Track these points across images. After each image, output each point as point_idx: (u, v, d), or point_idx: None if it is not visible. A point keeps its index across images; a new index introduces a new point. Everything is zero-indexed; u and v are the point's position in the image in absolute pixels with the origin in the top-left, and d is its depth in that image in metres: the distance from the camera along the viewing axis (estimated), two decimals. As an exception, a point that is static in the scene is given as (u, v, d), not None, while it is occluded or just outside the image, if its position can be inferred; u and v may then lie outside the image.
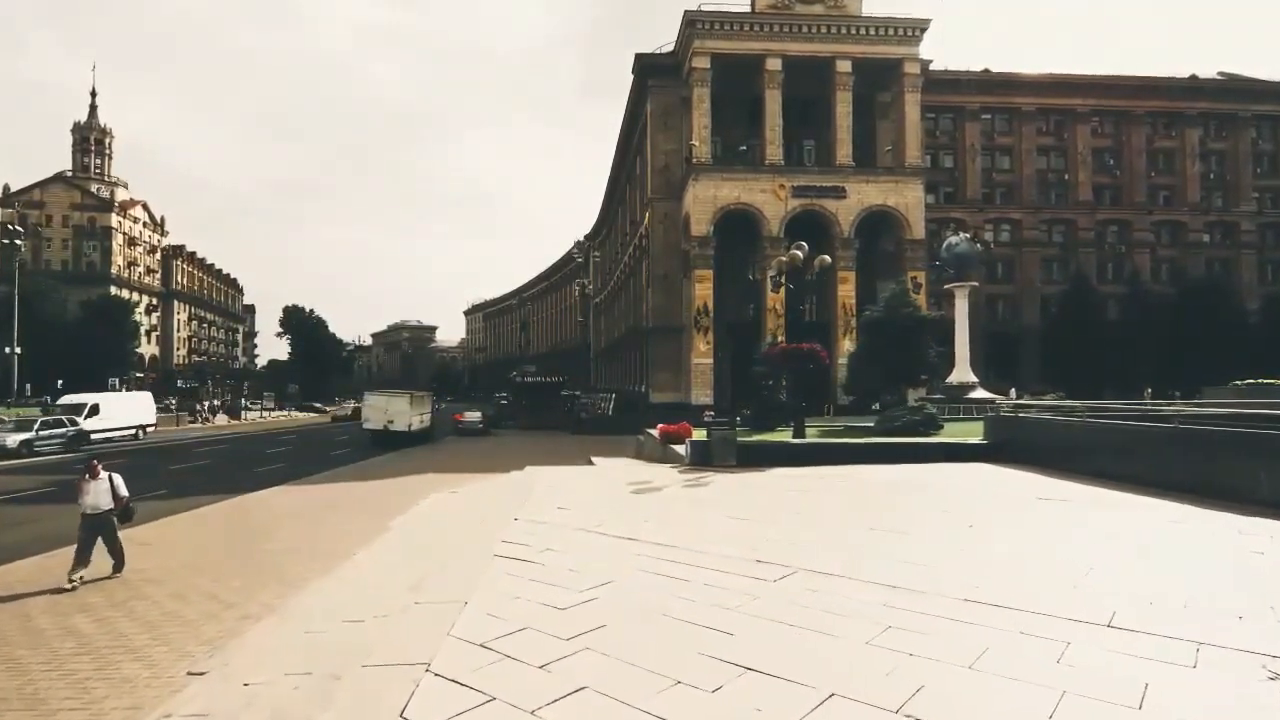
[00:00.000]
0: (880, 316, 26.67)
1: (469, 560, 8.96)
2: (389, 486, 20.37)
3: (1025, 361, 55.60)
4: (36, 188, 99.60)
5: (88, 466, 9.96)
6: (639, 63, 53.67)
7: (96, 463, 10.03)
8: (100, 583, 9.61)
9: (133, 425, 41.20)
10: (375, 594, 8.13)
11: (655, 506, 12.86)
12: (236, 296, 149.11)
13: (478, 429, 46.40)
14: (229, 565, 10.68)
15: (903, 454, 17.89)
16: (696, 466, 18.12)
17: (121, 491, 9.91)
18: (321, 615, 7.59)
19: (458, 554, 9.50)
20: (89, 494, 9.63)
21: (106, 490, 9.75)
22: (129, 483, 10.37)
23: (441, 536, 11.23)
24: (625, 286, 67.89)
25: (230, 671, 6.21)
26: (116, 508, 9.88)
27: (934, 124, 60.67)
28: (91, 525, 9.57)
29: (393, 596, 7.77)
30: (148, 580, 9.80)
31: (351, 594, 8.38)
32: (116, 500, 9.85)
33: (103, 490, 9.72)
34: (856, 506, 12.59)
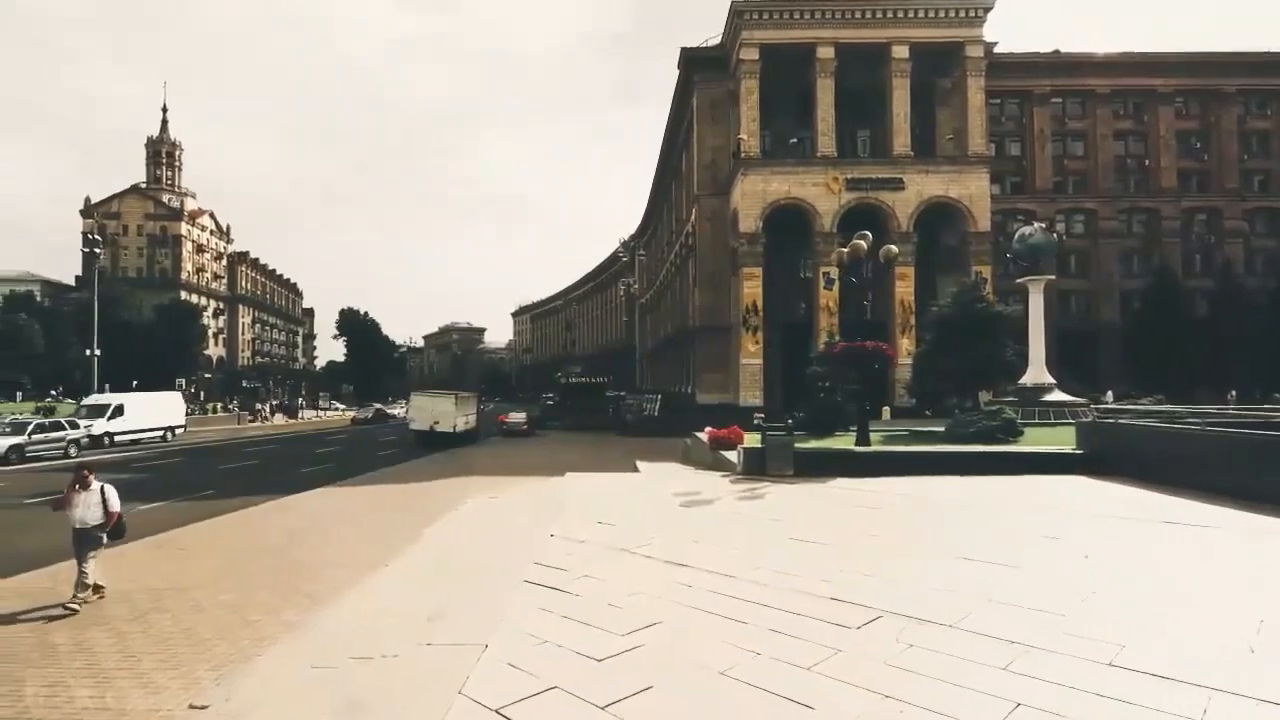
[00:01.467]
0: (949, 312, 24.68)
1: (496, 584, 7.89)
2: (429, 490, 19.63)
3: (1103, 361, 52.15)
4: (114, 199, 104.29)
5: (77, 476, 8.79)
6: (684, 57, 52.53)
7: (88, 472, 8.85)
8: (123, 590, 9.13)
9: (160, 427, 39.38)
10: (391, 622, 7.20)
11: (706, 523, 11.51)
12: (296, 300, 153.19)
13: (522, 430, 45.74)
14: (257, 574, 10.12)
15: (982, 464, 16.12)
16: (749, 476, 16.65)
17: (113, 506, 8.80)
18: (332, 646, 6.73)
19: (485, 575, 8.46)
20: (78, 506, 8.60)
21: (97, 503, 8.67)
22: (183, 481, 9.62)
23: (472, 551, 10.22)
24: (671, 286, 66.73)
25: (230, 710, 5.58)
26: (106, 524, 8.78)
27: (999, 110, 57.48)
28: (80, 542, 8.62)
29: (408, 628, 6.85)
30: (174, 589, 9.31)
31: (368, 619, 7.50)
32: (107, 515, 8.75)
33: (93, 503, 8.65)
34: (941, 528, 11.01)
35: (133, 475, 24.08)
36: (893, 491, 13.82)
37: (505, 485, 19.00)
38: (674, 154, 64.56)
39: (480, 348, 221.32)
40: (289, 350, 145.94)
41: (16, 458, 26.99)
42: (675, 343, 63.00)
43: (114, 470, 25.03)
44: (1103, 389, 38.15)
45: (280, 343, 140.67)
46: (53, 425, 30.38)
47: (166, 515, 15.74)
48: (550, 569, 8.25)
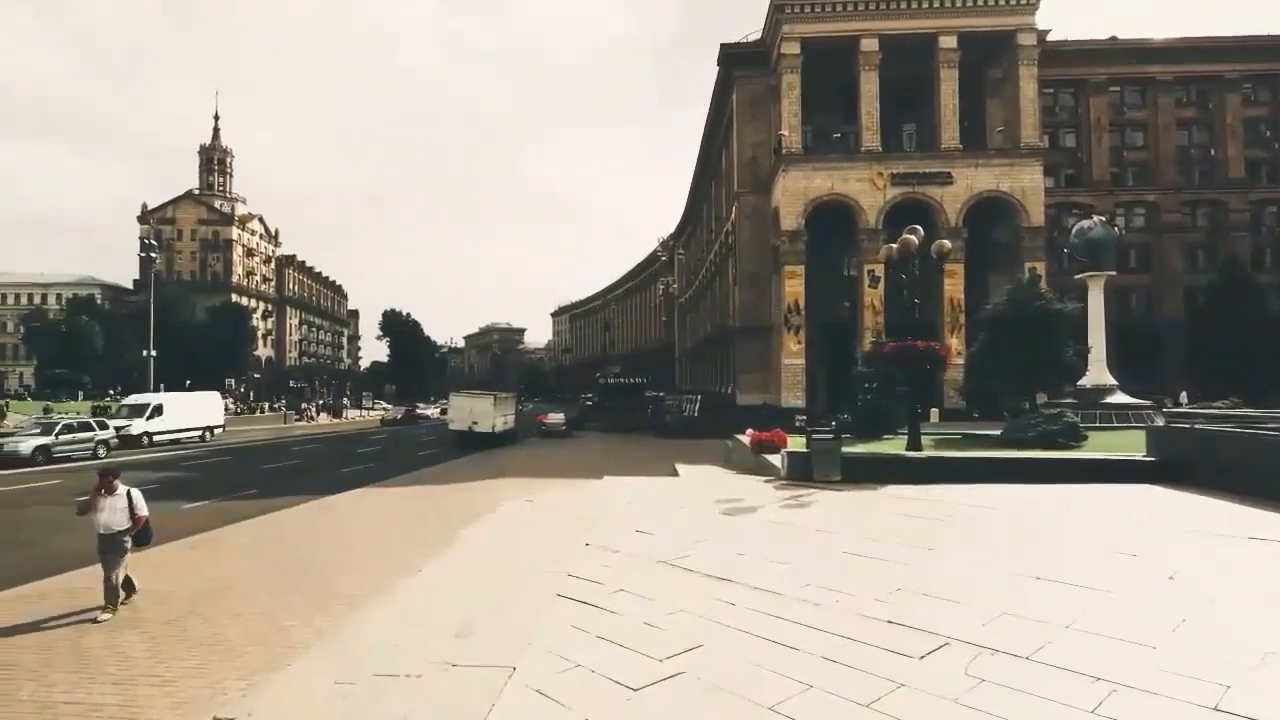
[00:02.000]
0: (1004, 310, 23.51)
1: (527, 598, 7.50)
2: (466, 492, 19.46)
3: (1166, 361, 49.67)
4: (169, 205, 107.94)
5: (103, 480, 8.51)
6: (724, 53, 51.92)
7: (114, 476, 8.58)
8: (161, 593, 9.12)
9: (199, 426, 39.20)
10: (418, 635, 6.90)
11: (749, 533, 10.91)
12: (341, 302, 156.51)
13: (560, 431, 45.61)
14: (293, 576, 10.02)
15: (1043, 471, 15.17)
16: (794, 481, 15.98)
17: (140, 510, 8.54)
18: (358, 660, 6.45)
19: (517, 586, 8.07)
20: (103, 511, 8.34)
21: (123, 508, 8.40)
22: (227, 480, 9.53)
23: (505, 559, 9.87)
24: (711, 285, 66.04)
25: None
26: (133, 528, 8.50)
27: (1053, 100, 55.21)
28: (106, 548, 8.32)
29: (434, 644, 6.54)
30: (211, 591, 9.27)
31: (396, 631, 7.21)
32: (134, 520, 8.48)
33: (119, 508, 8.38)
34: (1007, 542, 10.16)
35: (179, 474, 24.57)
36: (950, 500, 13.03)
37: (542, 488, 18.71)
38: (713, 152, 63.89)
39: (520, 348, 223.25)
40: (334, 351, 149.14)
41: (43, 458, 26.59)
42: (715, 342, 62.30)
43: (162, 469, 25.67)
44: (1166, 390, 36.16)
45: (326, 343, 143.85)
46: (81, 425, 29.91)
47: (209, 514, 15.87)
48: (584, 582, 7.82)
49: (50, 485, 20.96)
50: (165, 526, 13.88)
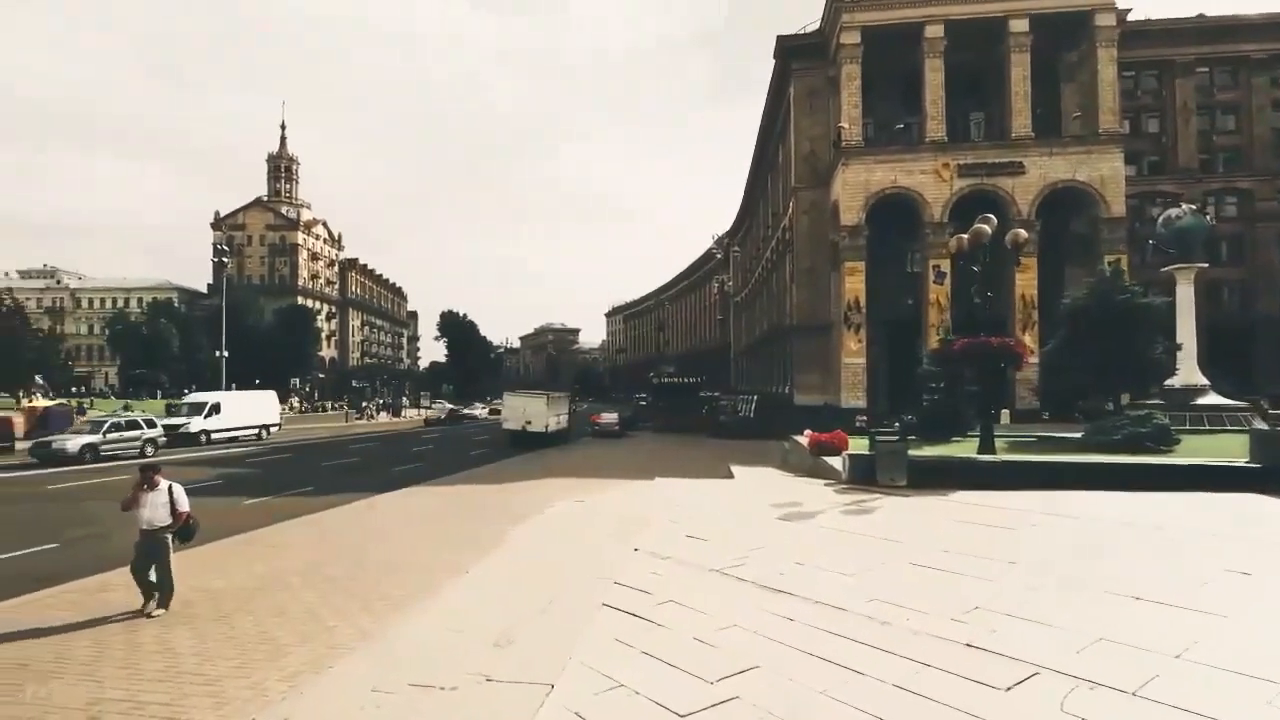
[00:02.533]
0: (1086, 304, 21.96)
1: (571, 606, 7.11)
2: (517, 492, 19.28)
3: (1261, 360, 46.23)
4: (239, 212, 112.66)
5: (145, 476, 8.37)
6: (780, 45, 50.73)
7: (155, 471, 8.45)
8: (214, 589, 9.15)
9: (256, 425, 39.43)
10: (459, 643, 6.63)
11: (809, 541, 10.24)
12: (401, 303, 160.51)
13: (614, 431, 45.34)
14: (342, 574, 9.93)
15: (1132, 477, 13.98)
16: (856, 486, 15.14)
17: (182, 506, 8.37)
18: (397, 665, 6.26)
19: (562, 593, 7.70)
20: (145, 507, 8.22)
21: (165, 503, 8.27)
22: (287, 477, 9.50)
23: (552, 563, 9.53)
24: (767, 283, 64.88)
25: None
26: (174, 525, 8.35)
27: (1134, 84, 51.91)
28: (147, 545, 8.20)
29: (473, 653, 6.25)
30: (262, 588, 9.30)
31: (438, 636, 6.99)
32: (175, 516, 8.34)
33: (160, 503, 8.25)
34: (1097, 555, 9.21)
35: (242, 470, 25.23)
36: (1029, 508, 12.05)
37: (593, 489, 18.37)
38: (770, 147, 62.71)
39: (574, 348, 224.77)
40: (394, 351, 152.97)
41: (91, 457, 26.47)
42: (771, 341, 61.16)
43: (226, 465, 26.39)
44: (1262, 391, 33.44)
45: (387, 344, 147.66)
46: (129, 424, 29.78)
47: (268, 510, 16.14)
48: (632, 591, 7.37)
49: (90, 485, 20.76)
50: (225, 522, 14.25)
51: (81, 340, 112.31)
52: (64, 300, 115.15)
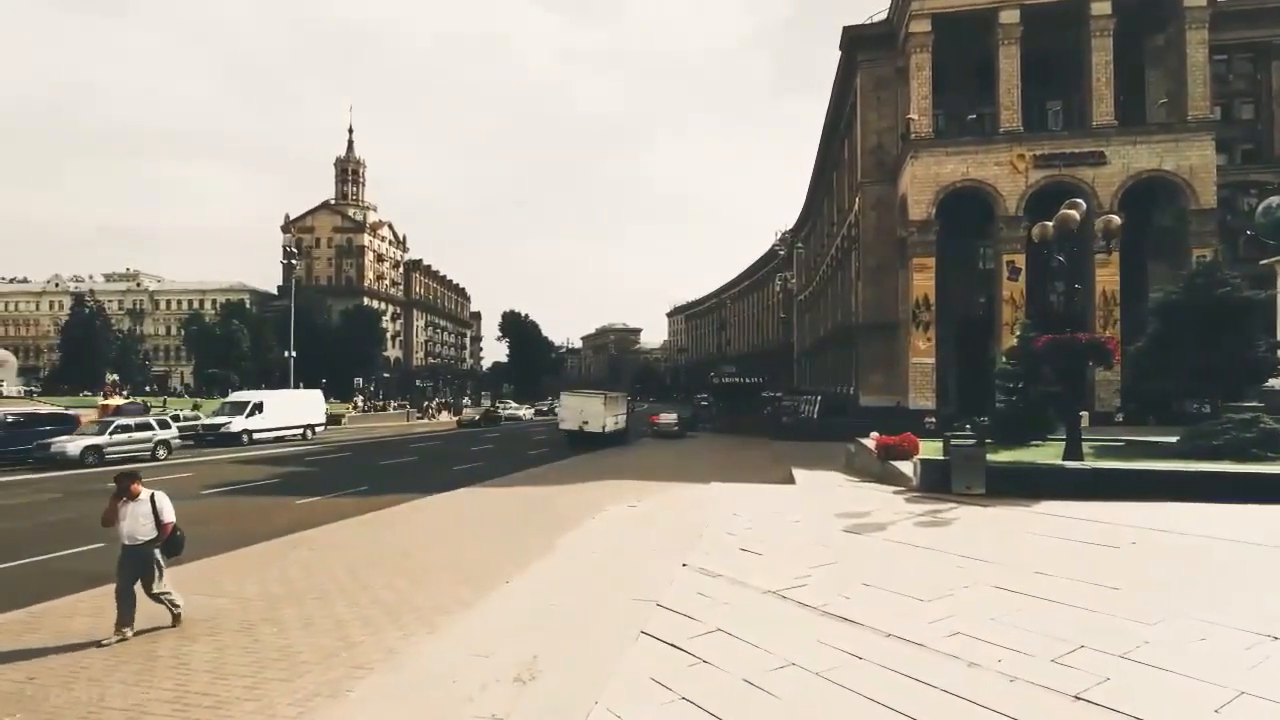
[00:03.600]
0: (1180, 299, 20.11)
1: (608, 632, 6.48)
2: (569, 495, 18.85)
3: None
4: (309, 215, 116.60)
5: (122, 485, 7.56)
6: (846, 36, 49.20)
7: (133, 480, 7.66)
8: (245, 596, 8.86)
9: (300, 424, 38.81)
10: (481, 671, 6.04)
11: (877, 557, 9.29)
12: (464, 304, 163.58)
13: (673, 432, 44.68)
14: (377, 583, 9.50)
15: (1242, 488, 12.49)
16: (929, 494, 14.01)
17: (167, 517, 7.66)
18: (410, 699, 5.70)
19: (600, 615, 7.07)
20: (125, 519, 7.51)
21: (147, 514, 7.57)
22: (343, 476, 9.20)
23: (594, 577, 8.93)
24: (831, 280, 63.17)
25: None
26: (160, 538, 7.63)
27: (1225, 68, 48.43)
28: (130, 561, 7.48)
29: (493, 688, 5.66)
30: (293, 595, 8.94)
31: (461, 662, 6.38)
32: (160, 528, 7.61)
33: (142, 515, 7.56)
34: (1217, 582, 7.93)
35: (300, 469, 25.63)
36: (1127, 522, 10.80)
37: (647, 493, 17.75)
38: (835, 141, 61.01)
39: (636, 348, 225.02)
40: (458, 351, 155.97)
41: (94, 459, 24.68)
42: (835, 341, 59.50)
43: (283, 464, 26.82)
44: None
45: (450, 344, 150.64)
46: (140, 425, 27.85)
47: (318, 510, 16.13)
48: (676, 616, 6.65)
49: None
50: (273, 523, 14.34)
51: (159, 340, 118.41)
52: (143, 302, 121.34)
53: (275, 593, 9.02)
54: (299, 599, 8.71)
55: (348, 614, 8.07)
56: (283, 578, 9.75)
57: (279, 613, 8.16)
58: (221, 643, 7.23)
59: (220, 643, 7.23)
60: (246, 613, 8.18)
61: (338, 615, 8.02)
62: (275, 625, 7.72)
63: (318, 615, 8.04)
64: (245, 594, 8.92)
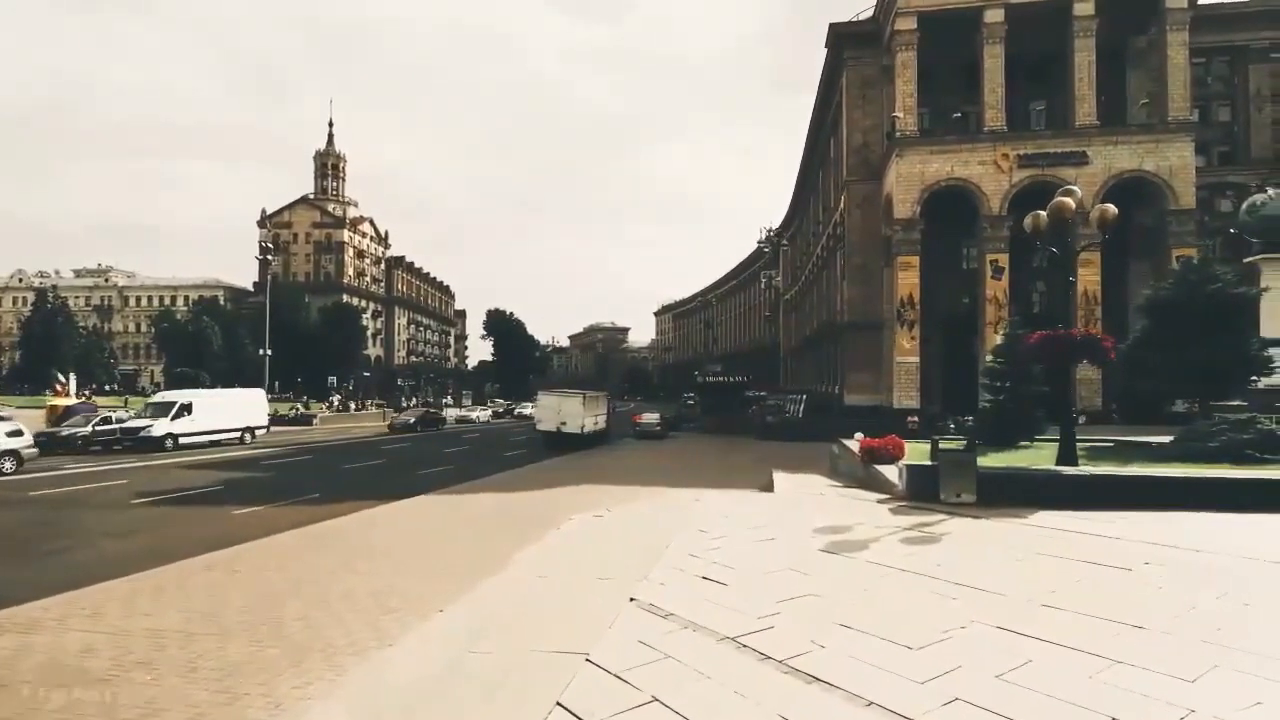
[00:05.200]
0: (1172, 295, 19.34)
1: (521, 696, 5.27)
2: (537, 501, 17.79)
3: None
4: (286, 209, 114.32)
5: None
6: (833, 33, 48.84)
7: None
8: (123, 630, 7.54)
9: (237, 427, 35.24)
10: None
11: (858, 585, 8.04)
12: (449, 302, 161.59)
13: (655, 432, 43.62)
14: (289, 615, 8.21)
15: (1254, 496, 11.63)
16: (916, 503, 12.95)
17: None
18: None
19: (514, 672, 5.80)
20: None
21: None
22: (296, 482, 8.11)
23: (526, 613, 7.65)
24: (817, 280, 62.59)
25: None
26: None
27: (1204, 71, 48.86)
28: None
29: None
30: (185, 632, 7.52)
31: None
32: None
33: None
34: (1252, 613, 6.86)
35: (251, 474, 24.15)
36: (1135, 537, 9.81)
37: (619, 499, 16.68)
38: (821, 140, 60.53)
39: (623, 347, 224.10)
40: (441, 350, 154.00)
41: None
42: (821, 340, 58.92)
43: (234, 468, 25.27)
44: None
45: (434, 343, 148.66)
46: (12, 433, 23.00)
47: (256, 522, 14.76)
48: (605, 676, 5.39)
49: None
50: (204, 534, 13.06)
51: (129, 338, 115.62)
52: (112, 299, 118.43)
53: (168, 627, 7.72)
54: (194, 635, 7.43)
55: (243, 655, 6.82)
56: (186, 606, 8.47)
57: (162, 654, 6.89)
58: (71, 699, 5.82)
59: (70, 699, 5.82)
60: (121, 655, 6.87)
61: (230, 658, 6.75)
62: (150, 671, 6.45)
63: (206, 657, 6.78)
64: (131, 628, 7.63)
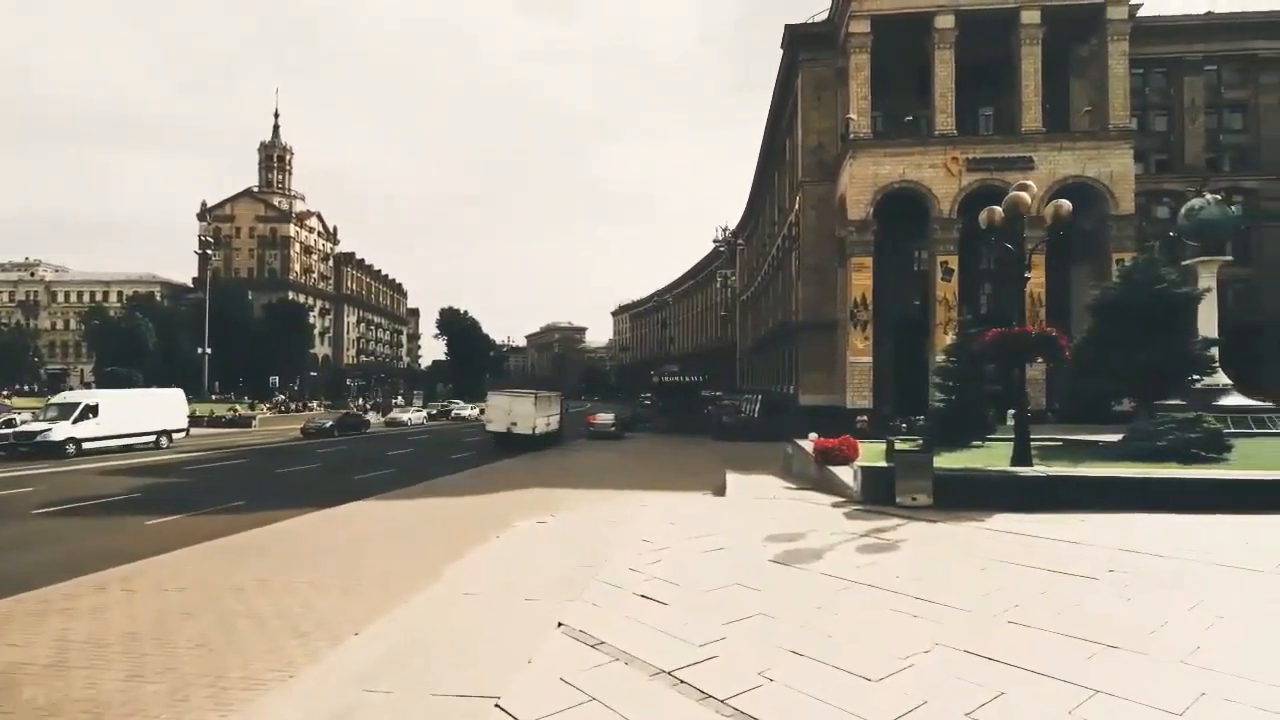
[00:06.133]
0: (1121, 295, 19.51)
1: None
2: (479, 507, 16.98)
3: (1268, 361, 43.75)
4: (228, 203, 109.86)
5: None
6: (788, 34, 48.97)
7: None
8: None
9: (150, 431, 32.07)
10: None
11: (812, 601, 7.33)
12: (401, 300, 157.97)
13: (610, 432, 42.87)
14: (178, 641, 7.33)
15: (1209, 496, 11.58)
16: (871, 507, 12.51)
17: None
18: None
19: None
20: None
21: None
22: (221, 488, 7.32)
23: (442, 642, 6.81)
24: (773, 280, 62.78)
25: None
26: None
27: (1142, 81, 50.16)
28: None
29: None
30: (44, 667, 6.57)
31: None
32: None
33: None
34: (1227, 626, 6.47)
35: (173, 480, 22.67)
36: (1096, 542, 9.48)
37: (564, 504, 15.96)
38: (777, 141, 60.72)
39: (581, 347, 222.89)
40: (393, 350, 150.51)
41: None
42: (776, 340, 59.07)
43: (157, 474, 23.69)
44: (1267, 393, 30.78)
45: (385, 342, 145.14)
46: None
47: (168, 534, 13.53)
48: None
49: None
50: (105, 548, 11.88)
51: (57, 336, 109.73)
52: (38, 293, 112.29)
53: (35, 659, 6.74)
54: (64, 668, 6.50)
55: (115, 692, 5.89)
56: (64, 633, 7.48)
57: (13, 695, 5.92)
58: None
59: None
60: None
61: (100, 696, 5.83)
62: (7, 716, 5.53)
63: (72, 697, 5.84)
64: None
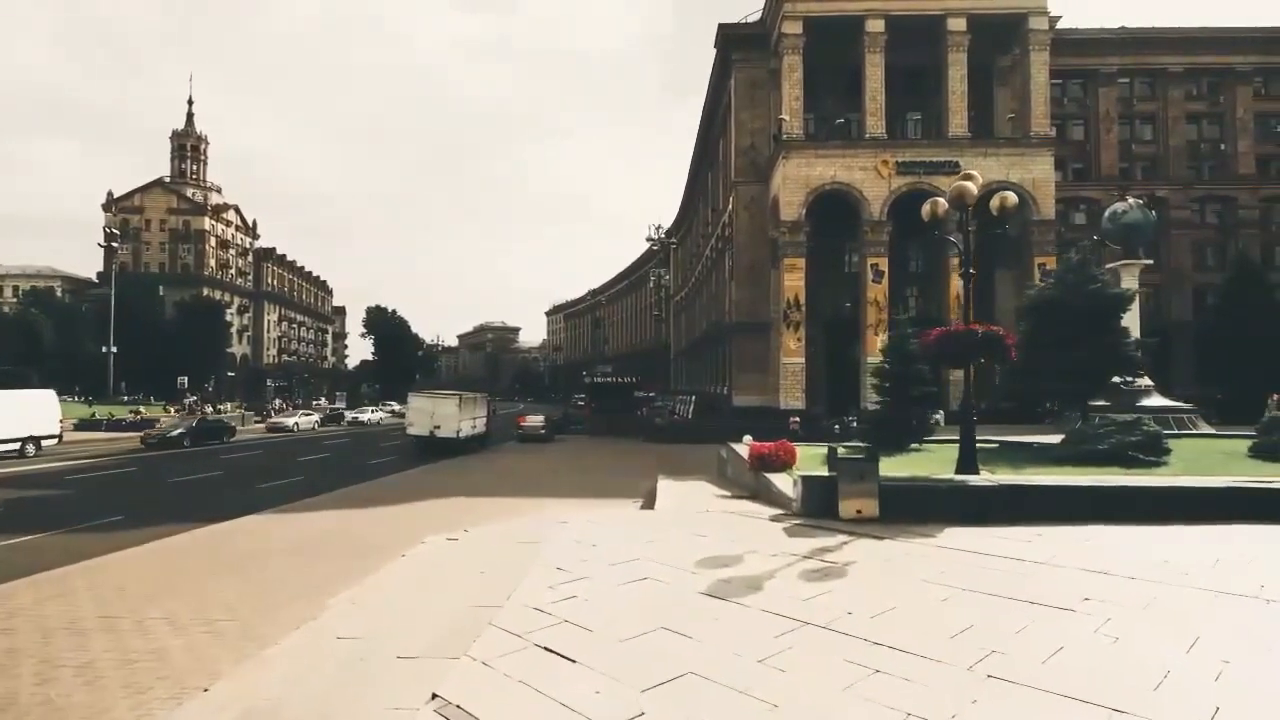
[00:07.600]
0: (1055, 295, 19.62)
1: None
2: (388, 520, 15.64)
3: (1176, 362, 46.19)
4: (137, 193, 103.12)
5: None
6: (722, 34, 48.93)
7: None
8: None
9: (15, 438, 28.65)
10: None
11: (749, 651, 5.92)
12: (326, 298, 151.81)
13: (540, 435, 41.45)
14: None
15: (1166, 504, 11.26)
16: (813, 521, 11.64)
17: None
18: None
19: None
20: None
21: None
22: (98, 501, 6.70)
23: (292, 713, 5.54)
24: (707, 281, 62.60)
25: None
26: None
27: (1061, 91, 52.91)
28: None
29: None
30: None
31: None
32: None
33: None
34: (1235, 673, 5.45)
35: (47, 492, 20.33)
36: (1059, 561, 8.85)
37: (482, 515, 14.75)
38: (711, 141, 60.62)
39: (514, 347, 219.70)
40: (318, 349, 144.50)
41: None
42: (710, 341, 58.87)
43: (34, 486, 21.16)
44: (1171, 392, 31.98)
45: (309, 341, 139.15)
46: None
47: (23, 556, 11.68)
48: None
49: None
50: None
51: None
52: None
53: None
54: None
55: None
56: None
57: None
58: None
59: None
60: None
61: None
62: None
63: None
64: None
